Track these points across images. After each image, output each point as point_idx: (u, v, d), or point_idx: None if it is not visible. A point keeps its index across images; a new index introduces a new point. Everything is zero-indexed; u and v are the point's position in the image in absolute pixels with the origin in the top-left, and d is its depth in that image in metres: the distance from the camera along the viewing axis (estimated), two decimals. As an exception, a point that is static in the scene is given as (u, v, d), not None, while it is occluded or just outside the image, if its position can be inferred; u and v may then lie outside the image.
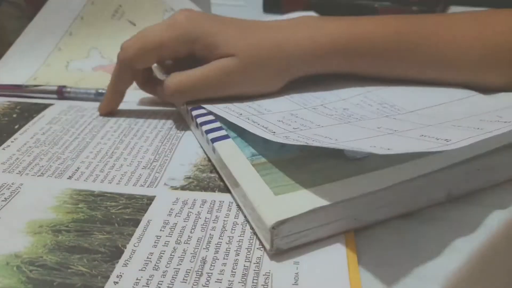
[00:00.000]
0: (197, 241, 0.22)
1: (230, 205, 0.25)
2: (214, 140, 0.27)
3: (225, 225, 0.24)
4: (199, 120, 0.30)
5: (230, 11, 0.81)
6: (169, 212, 0.25)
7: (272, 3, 0.74)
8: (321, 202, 0.22)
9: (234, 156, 0.26)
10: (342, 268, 0.21)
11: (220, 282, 0.20)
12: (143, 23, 0.51)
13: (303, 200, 0.22)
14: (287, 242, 0.22)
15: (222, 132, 0.28)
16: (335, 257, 0.22)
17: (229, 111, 0.30)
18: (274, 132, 0.26)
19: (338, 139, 0.25)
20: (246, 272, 0.21)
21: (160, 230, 0.23)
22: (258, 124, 0.28)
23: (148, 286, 0.20)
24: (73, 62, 0.46)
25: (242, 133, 0.28)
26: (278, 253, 0.22)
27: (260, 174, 0.24)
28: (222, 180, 0.27)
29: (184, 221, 0.24)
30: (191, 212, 0.24)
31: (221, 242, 0.22)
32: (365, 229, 0.24)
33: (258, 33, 0.32)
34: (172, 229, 0.23)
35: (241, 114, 0.29)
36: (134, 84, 0.36)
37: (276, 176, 0.24)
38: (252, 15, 0.73)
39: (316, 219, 0.22)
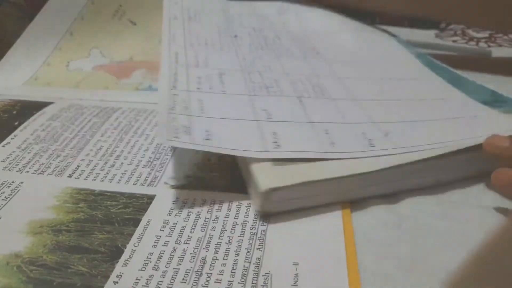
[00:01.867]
0: (197, 241, 0.22)
1: (230, 205, 0.25)
2: None
3: (225, 225, 0.24)
4: None
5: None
6: (169, 211, 0.25)
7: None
8: (310, 177, 0.24)
9: None
10: (341, 269, 0.21)
11: (220, 282, 0.20)
12: (144, 23, 0.51)
13: (298, 173, 0.24)
14: (276, 207, 0.24)
15: None
16: (335, 259, 0.22)
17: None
18: (175, 88, 0.30)
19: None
20: (246, 272, 0.21)
21: (160, 230, 0.23)
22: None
23: (148, 286, 0.20)
24: (73, 62, 0.46)
25: None
26: (266, 215, 0.24)
27: None
28: (222, 179, 0.27)
29: (184, 221, 0.24)
30: (191, 212, 0.25)
31: (221, 242, 0.22)
32: (365, 228, 0.24)
33: None
34: (172, 229, 0.23)
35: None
36: (134, 84, 0.36)
37: None
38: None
39: (307, 190, 0.24)
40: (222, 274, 0.21)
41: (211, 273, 0.21)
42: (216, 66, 0.35)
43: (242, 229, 0.23)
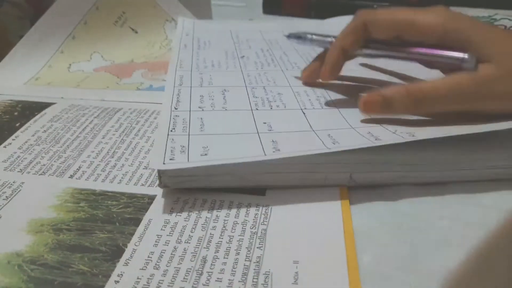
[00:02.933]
0: (198, 241, 0.23)
1: (231, 204, 0.25)
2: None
3: (225, 225, 0.24)
4: None
5: (230, 12, 0.81)
6: (170, 211, 0.25)
7: (272, 4, 0.74)
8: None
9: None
10: (342, 268, 0.21)
11: (220, 281, 0.20)
12: (145, 31, 0.52)
13: None
14: (174, 182, 0.26)
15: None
16: (335, 258, 0.22)
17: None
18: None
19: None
20: (246, 271, 0.21)
21: (161, 229, 0.23)
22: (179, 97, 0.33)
23: (149, 285, 0.20)
24: (75, 64, 0.46)
25: None
26: (167, 192, 0.26)
27: None
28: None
29: (185, 220, 0.24)
30: (191, 212, 0.25)
31: (221, 242, 0.23)
32: (365, 227, 0.24)
33: None
34: (173, 229, 0.23)
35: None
36: (135, 84, 0.36)
37: None
38: (252, 16, 0.73)
39: (198, 169, 0.25)
40: (223, 273, 0.21)
41: (212, 272, 0.21)
42: (220, 84, 0.36)
43: (242, 228, 0.23)
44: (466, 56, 0.28)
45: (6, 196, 0.26)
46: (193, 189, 0.26)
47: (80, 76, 0.44)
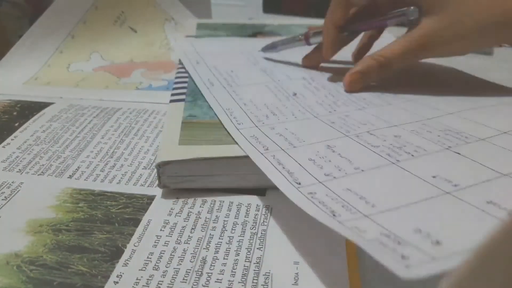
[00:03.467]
0: (197, 241, 0.22)
1: (231, 205, 0.25)
2: (171, 100, 0.33)
3: (225, 225, 0.24)
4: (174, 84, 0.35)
5: (230, 11, 0.81)
6: (169, 211, 0.25)
7: (272, 3, 0.74)
8: (198, 155, 0.26)
9: (174, 113, 0.31)
10: (342, 268, 0.21)
11: (220, 282, 0.20)
12: (144, 31, 0.52)
13: (192, 152, 0.26)
14: (173, 182, 0.26)
15: (181, 96, 0.34)
16: (335, 258, 0.22)
17: (255, 140, 0.27)
18: (300, 184, 0.22)
19: (376, 203, 0.20)
20: (246, 272, 0.21)
21: (160, 230, 0.23)
22: (284, 167, 0.24)
23: (148, 286, 0.20)
24: (74, 64, 0.46)
25: (195, 99, 0.33)
26: (167, 192, 0.26)
27: (182, 128, 0.29)
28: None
29: (184, 221, 0.24)
30: (191, 212, 0.24)
31: (221, 242, 0.22)
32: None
33: None
34: (172, 229, 0.23)
35: (267, 149, 0.26)
36: (134, 83, 0.36)
37: (192, 132, 0.28)
38: (252, 15, 0.73)
39: (198, 169, 0.26)
40: (223, 274, 0.21)
41: (212, 273, 0.21)
42: (308, 137, 0.27)
43: (242, 229, 0.23)
44: (409, 8, 0.33)
45: (5, 197, 0.26)
46: (192, 190, 0.26)
47: (79, 76, 0.44)
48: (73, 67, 0.45)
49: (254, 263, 0.21)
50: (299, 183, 0.22)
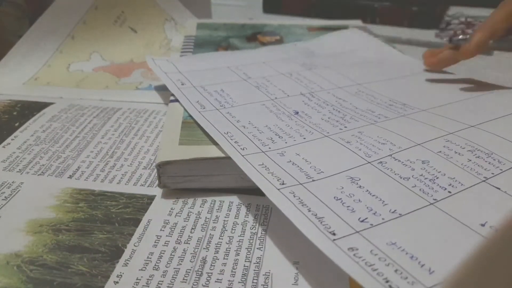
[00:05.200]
0: (197, 241, 0.22)
1: (231, 205, 0.25)
2: (171, 100, 0.33)
3: (225, 225, 0.24)
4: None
5: (230, 11, 0.81)
6: (170, 211, 0.25)
7: (272, 3, 0.74)
8: (198, 155, 0.26)
9: (174, 113, 0.31)
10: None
11: (220, 282, 0.20)
12: (144, 30, 0.52)
13: (192, 152, 0.26)
14: (173, 182, 0.26)
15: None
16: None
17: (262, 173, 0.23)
18: (335, 234, 0.19)
19: (432, 267, 0.18)
20: (246, 272, 0.21)
21: (160, 229, 0.23)
22: (309, 209, 0.21)
23: (148, 286, 0.20)
24: (74, 64, 0.46)
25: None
26: (167, 192, 0.26)
27: (182, 128, 0.29)
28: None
29: (184, 221, 0.24)
30: (191, 212, 0.25)
31: (221, 242, 0.22)
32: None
33: None
34: (172, 229, 0.23)
35: (283, 183, 0.22)
36: (134, 83, 0.36)
37: (192, 132, 0.28)
38: (252, 15, 0.73)
39: (198, 169, 0.26)
40: (223, 274, 0.21)
41: (212, 273, 0.21)
42: (327, 168, 0.24)
43: (242, 229, 0.23)
44: None
45: (5, 197, 0.26)
46: (192, 190, 0.26)
47: (79, 76, 0.44)
48: (73, 67, 0.45)
49: (254, 263, 0.21)
50: (334, 233, 0.19)
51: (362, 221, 0.20)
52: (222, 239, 0.23)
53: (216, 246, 0.22)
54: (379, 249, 0.18)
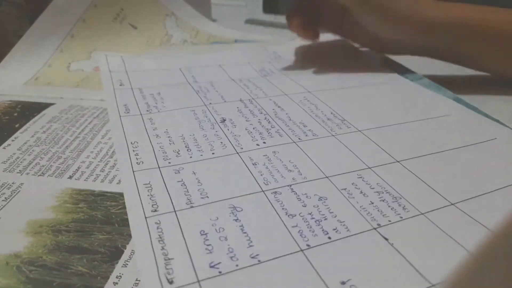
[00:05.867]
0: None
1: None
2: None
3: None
4: None
5: (230, 11, 0.81)
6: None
7: (272, 3, 0.74)
8: None
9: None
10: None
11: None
12: (145, 27, 0.52)
13: None
14: None
15: None
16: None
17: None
18: (172, 283, 0.18)
19: None
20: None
21: (160, 230, 0.23)
22: (162, 248, 0.20)
23: (148, 287, 0.20)
24: (74, 63, 0.46)
25: None
26: None
27: None
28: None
29: (184, 221, 0.24)
30: (191, 213, 0.24)
31: (220, 243, 0.22)
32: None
33: None
34: (172, 230, 0.23)
35: (155, 210, 0.22)
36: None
37: None
38: (252, 15, 0.73)
39: None
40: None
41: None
42: (218, 194, 0.23)
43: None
44: None
45: (5, 197, 0.26)
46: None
47: (79, 76, 0.44)
48: (73, 66, 0.45)
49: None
50: (171, 282, 0.18)
51: (212, 266, 0.19)
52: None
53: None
54: None
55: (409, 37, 0.39)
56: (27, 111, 0.36)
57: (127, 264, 0.21)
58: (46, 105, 0.37)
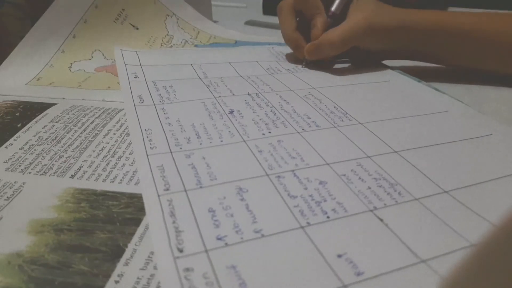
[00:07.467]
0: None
1: (231, 205, 0.25)
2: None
3: (226, 225, 0.24)
4: None
5: (231, 12, 0.81)
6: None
7: (272, 5, 0.74)
8: None
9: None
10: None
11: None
12: (146, 27, 0.52)
13: None
14: None
15: None
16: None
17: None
18: (181, 251, 0.20)
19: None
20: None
21: (161, 229, 0.23)
22: (174, 221, 0.21)
23: (149, 285, 0.20)
24: (76, 63, 0.46)
25: None
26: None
27: None
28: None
29: (185, 220, 0.24)
30: (192, 212, 0.25)
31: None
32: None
33: None
34: (173, 229, 0.23)
35: (167, 189, 0.23)
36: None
37: None
38: (252, 17, 0.73)
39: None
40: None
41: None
42: (225, 175, 0.25)
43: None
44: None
45: (7, 197, 0.26)
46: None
47: (81, 76, 0.44)
48: (75, 66, 0.46)
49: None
50: (181, 250, 0.19)
51: (219, 238, 0.20)
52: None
53: (217, 246, 0.22)
54: (213, 272, 0.18)
55: (392, 45, 0.43)
56: (29, 111, 0.36)
57: (129, 263, 0.21)
58: (48, 105, 0.37)
